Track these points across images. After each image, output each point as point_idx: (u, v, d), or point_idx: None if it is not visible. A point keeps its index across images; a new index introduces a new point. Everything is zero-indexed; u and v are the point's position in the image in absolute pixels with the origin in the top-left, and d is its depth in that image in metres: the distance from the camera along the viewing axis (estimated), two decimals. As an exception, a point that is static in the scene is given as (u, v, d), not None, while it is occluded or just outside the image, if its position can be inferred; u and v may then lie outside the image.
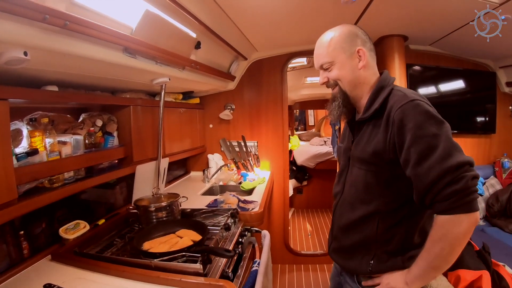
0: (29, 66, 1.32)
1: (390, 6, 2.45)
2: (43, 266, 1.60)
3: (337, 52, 1.38)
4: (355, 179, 1.42)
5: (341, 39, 1.39)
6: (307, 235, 4.96)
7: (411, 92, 1.28)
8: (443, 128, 1.16)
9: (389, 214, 1.31)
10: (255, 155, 3.99)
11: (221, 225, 2.07)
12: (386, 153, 1.25)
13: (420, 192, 1.15)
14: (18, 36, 1.11)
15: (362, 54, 1.39)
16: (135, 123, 2.34)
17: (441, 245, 1.12)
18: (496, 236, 3.23)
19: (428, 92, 3.85)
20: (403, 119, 1.18)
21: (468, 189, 1.07)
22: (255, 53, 3.82)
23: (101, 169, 2.16)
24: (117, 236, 2.00)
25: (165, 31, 1.98)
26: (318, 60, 1.44)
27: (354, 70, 1.39)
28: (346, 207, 1.46)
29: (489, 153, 4.17)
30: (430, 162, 1.11)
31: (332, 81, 1.42)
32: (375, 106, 1.32)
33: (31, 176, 1.50)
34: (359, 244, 1.40)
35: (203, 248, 1.66)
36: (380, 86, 1.37)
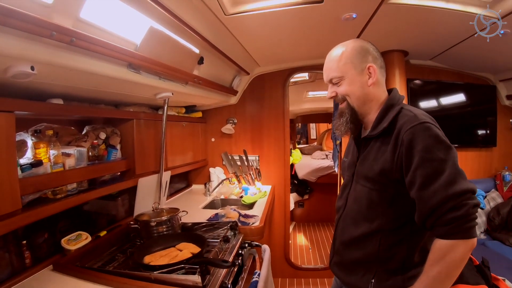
0: (35, 79, 1.36)
1: (389, 22, 2.49)
2: (45, 276, 1.62)
3: (348, 67, 1.39)
4: (358, 195, 1.42)
5: (352, 54, 1.40)
6: (308, 249, 4.94)
7: (421, 114, 1.29)
8: (451, 154, 1.18)
9: (392, 232, 1.31)
10: (257, 169, 4.01)
11: (221, 237, 2.09)
12: (392, 172, 1.26)
13: (423, 214, 1.17)
14: (26, 52, 1.16)
15: (372, 71, 1.39)
16: (138, 136, 2.38)
17: (438, 268, 1.13)
18: (497, 249, 3.21)
19: (429, 106, 3.88)
20: (413, 140, 1.19)
21: (468, 216, 1.09)
22: (257, 68, 3.87)
23: (104, 181, 2.19)
24: (119, 251, 2.02)
25: (169, 47, 2.02)
26: (327, 74, 1.44)
27: (363, 86, 1.39)
28: (348, 223, 1.47)
29: (490, 166, 4.18)
30: (435, 186, 1.12)
31: (341, 96, 1.42)
32: (384, 124, 1.32)
33: (35, 187, 1.53)
34: (360, 260, 1.40)
35: (202, 259, 1.68)
36: (390, 104, 1.38)
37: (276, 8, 2.09)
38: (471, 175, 4.10)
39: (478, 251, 2.84)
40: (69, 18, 1.29)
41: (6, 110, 1.34)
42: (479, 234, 3.62)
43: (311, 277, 4.05)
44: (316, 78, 5.16)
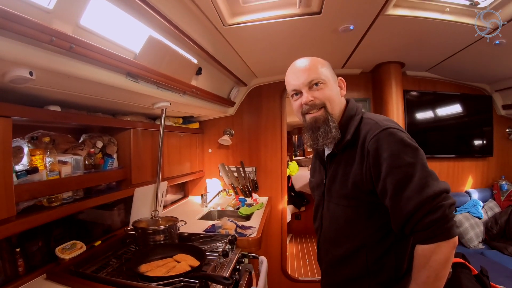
0: (33, 85, 1.37)
1: (386, 34, 2.53)
2: (38, 284, 1.59)
3: (328, 73, 1.37)
4: (334, 215, 1.39)
5: (327, 63, 1.40)
6: (305, 261, 4.91)
7: (383, 119, 1.27)
8: (418, 156, 1.15)
9: (377, 245, 1.29)
10: (254, 180, 3.99)
11: (219, 251, 2.05)
12: (364, 184, 1.23)
13: (399, 222, 1.15)
14: (25, 56, 1.16)
15: (343, 84, 1.41)
16: (135, 146, 2.37)
17: (426, 273, 1.11)
18: (496, 258, 3.22)
19: (426, 117, 3.93)
20: (378, 148, 1.18)
21: (446, 217, 1.07)
22: (255, 79, 3.89)
23: (100, 191, 2.17)
24: (113, 257, 1.99)
25: (168, 56, 2.03)
26: (308, 74, 1.33)
27: (338, 96, 1.39)
28: (329, 244, 1.44)
29: (487, 176, 4.22)
30: (408, 192, 1.11)
31: (319, 101, 1.34)
32: (347, 137, 1.31)
33: (30, 194, 1.51)
34: (351, 278, 1.36)
35: (201, 274, 1.64)
36: (349, 116, 1.36)
37: (274, 19, 2.11)
38: (469, 184, 4.15)
39: (476, 260, 2.84)
40: (69, 25, 1.30)
41: (3, 115, 1.33)
42: (477, 243, 3.62)
43: (308, 290, 4.01)
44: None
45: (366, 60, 3.46)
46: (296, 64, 1.41)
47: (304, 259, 4.98)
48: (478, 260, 3.03)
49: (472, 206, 3.81)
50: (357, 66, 3.67)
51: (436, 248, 1.08)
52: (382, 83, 3.59)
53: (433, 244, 1.08)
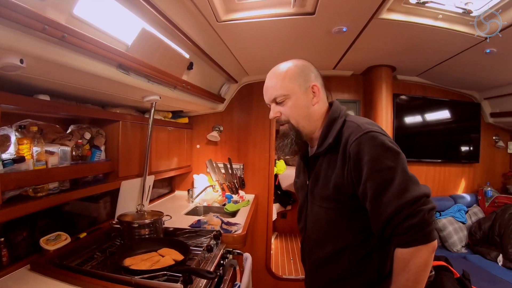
0: (23, 73, 1.35)
1: (379, 37, 2.55)
2: (22, 275, 1.57)
3: (292, 85, 1.34)
4: (316, 217, 1.39)
5: (296, 72, 1.36)
6: (289, 259, 4.93)
7: (365, 123, 1.26)
8: (399, 160, 1.15)
9: (359, 246, 1.29)
10: (241, 177, 4.00)
11: (204, 245, 2.06)
12: (345, 187, 1.23)
13: (378, 226, 1.16)
14: (16, 43, 1.14)
15: (316, 90, 1.37)
16: (123, 139, 2.36)
17: (405, 276, 1.11)
18: (478, 263, 3.29)
19: (414, 121, 3.98)
20: (359, 152, 1.17)
21: (425, 222, 1.08)
22: (246, 76, 3.90)
23: (86, 182, 2.15)
24: (98, 250, 1.97)
25: (160, 50, 2.03)
26: (270, 93, 1.36)
27: (308, 106, 1.36)
28: (313, 245, 1.44)
29: (472, 182, 4.30)
30: (387, 197, 1.11)
31: (284, 117, 1.36)
32: (329, 140, 1.30)
33: (16, 183, 1.49)
34: (334, 279, 1.37)
35: (185, 268, 1.64)
36: (332, 118, 1.35)
37: (268, 18, 2.11)
38: (454, 189, 4.22)
39: (459, 264, 2.89)
40: (62, 14, 1.29)
41: (-9, 102, 1.32)
42: (460, 248, 3.69)
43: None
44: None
45: (358, 63, 3.49)
46: (267, 77, 1.41)
47: (288, 258, 5.00)
48: (460, 264, 3.09)
49: (457, 210, 3.88)
50: (348, 68, 3.69)
51: (415, 252, 1.09)
52: (373, 86, 3.62)
53: (412, 248, 1.09)
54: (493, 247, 3.48)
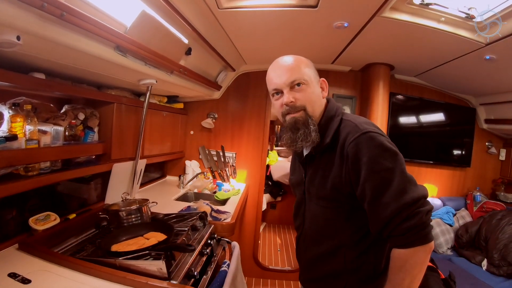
0: (19, 50, 1.32)
1: (379, 35, 2.54)
2: (9, 254, 1.56)
3: (312, 74, 1.34)
4: (314, 214, 1.40)
5: (311, 64, 1.37)
6: (277, 250, 4.96)
7: (363, 122, 1.26)
8: (397, 161, 1.15)
9: (355, 245, 1.30)
10: (233, 166, 4.00)
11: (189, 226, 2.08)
12: (343, 187, 1.24)
13: (377, 226, 1.17)
14: (14, 20, 1.12)
15: (324, 86, 1.38)
16: (117, 121, 2.33)
17: (401, 275, 1.13)
18: (463, 266, 3.33)
19: (409, 122, 4.00)
20: (357, 152, 1.17)
21: (423, 224, 1.09)
22: (244, 65, 3.87)
23: (78, 163, 2.13)
24: (88, 242, 1.96)
25: (158, 33, 2.00)
26: (290, 74, 1.29)
27: (319, 98, 1.36)
28: (309, 242, 1.46)
29: (463, 185, 4.34)
30: (386, 198, 1.12)
31: (300, 103, 1.30)
32: (327, 140, 1.30)
33: (7, 162, 1.48)
34: (329, 274, 1.38)
35: (166, 245, 1.67)
36: (329, 117, 1.34)
37: (270, 7, 2.10)
38: (444, 192, 4.26)
39: (444, 266, 2.93)
40: (62, -9, 1.26)
41: (-14, 79, 1.30)
42: (446, 250, 3.74)
43: (278, 279, 4.08)
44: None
45: (357, 59, 3.48)
46: (279, 61, 1.36)
47: (275, 248, 5.04)
48: (445, 265, 3.13)
49: (445, 212, 3.92)
50: (347, 63, 3.69)
51: (413, 253, 1.11)
52: (370, 83, 3.62)
53: (409, 248, 1.11)
54: (478, 251, 3.52)
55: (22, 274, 1.37)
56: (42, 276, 1.40)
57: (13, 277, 1.35)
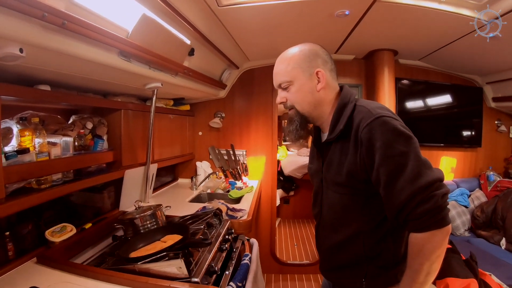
0: (23, 63, 1.31)
1: (381, 22, 2.51)
2: (29, 268, 1.56)
3: (296, 71, 1.35)
4: (331, 201, 1.40)
5: (300, 59, 1.36)
6: (293, 245, 4.95)
7: (376, 107, 1.25)
8: (412, 145, 1.15)
9: (373, 231, 1.30)
10: (244, 164, 3.98)
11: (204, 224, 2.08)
12: (358, 173, 1.23)
13: (392, 211, 1.16)
14: (15, 32, 1.11)
15: (321, 76, 1.35)
16: (126, 127, 2.33)
17: (420, 260, 1.12)
18: (481, 246, 3.29)
19: (416, 106, 3.95)
20: (371, 138, 1.17)
21: (439, 207, 1.08)
22: (247, 62, 3.85)
23: (90, 172, 2.13)
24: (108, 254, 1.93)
25: (160, 36, 1.98)
26: (276, 78, 1.40)
27: (313, 91, 1.35)
28: (328, 229, 1.45)
29: (475, 166, 4.30)
30: (400, 182, 1.11)
31: (289, 102, 1.39)
32: (340, 126, 1.29)
33: (19, 176, 1.47)
34: (349, 262, 1.38)
35: (182, 244, 1.66)
36: (342, 104, 1.34)
37: (270, 1, 2.08)
38: (457, 174, 4.21)
39: (463, 247, 2.90)
40: (62, 1, 1.25)
41: (-9, 94, 1.29)
42: (463, 231, 3.70)
43: (297, 273, 4.06)
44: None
45: (360, 46, 3.44)
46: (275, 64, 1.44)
47: (292, 243, 5.03)
48: (464, 247, 3.09)
49: (459, 194, 3.88)
50: (350, 52, 3.65)
51: (430, 237, 1.09)
52: (375, 70, 3.57)
53: (426, 232, 1.10)
54: (495, 231, 3.49)
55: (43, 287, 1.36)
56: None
57: (34, 291, 1.34)
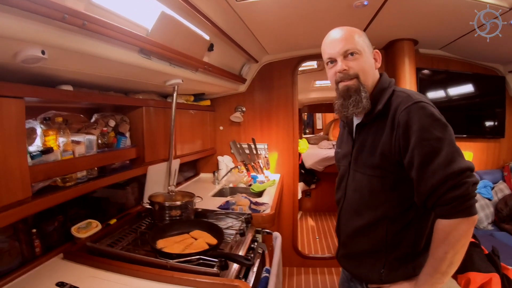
0: (45, 65, 1.34)
1: (400, 11, 2.46)
2: (55, 264, 1.60)
3: (365, 44, 1.36)
4: (358, 184, 1.40)
5: (364, 35, 1.39)
6: (315, 238, 4.94)
7: (414, 93, 1.28)
8: (447, 132, 1.16)
9: (398, 218, 1.30)
10: (265, 157, 3.98)
11: (235, 228, 2.07)
12: (392, 155, 1.24)
13: (422, 194, 1.16)
14: (37, 35, 1.13)
15: (377, 57, 1.40)
16: (147, 124, 2.35)
17: (444, 248, 1.12)
18: (505, 240, 3.21)
19: (437, 96, 3.86)
20: (409, 121, 1.18)
21: (468, 194, 1.08)
22: (266, 56, 3.82)
23: (113, 169, 2.17)
24: (128, 230, 2.00)
25: (180, 33, 1.99)
26: (344, 44, 1.33)
27: (372, 68, 1.39)
28: (351, 213, 1.45)
29: (498, 157, 4.16)
30: (434, 166, 1.11)
31: (353, 71, 1.33)
32: (379, 107, 1.31)
33: (45, 175, 1.51)
34: (368, 250, 1.38)
35: (221, 253, 1.65)
36: (382, 88, 1.36)
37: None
38: (479, 166, 4.09)
39: (486, 241, 2.83)
40: (81, 2, 1.26)
41: (16, 96, 1.31)
42: (486, 225, 3.61)
43: (319, 266, 4.05)
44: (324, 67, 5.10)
45: (379, 37, 3.37)
46: (332, 33, 1.41)
47: (314, 236, 5.01)
48: (488, 241, 3.01)
49: (483, 187, 3.77)
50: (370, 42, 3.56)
51: (456, 224, 1.10)
52: (395, 60, 3.49)
53: (453, 219, 1.10)
54: (519, 224, 3.38)
55: (70, 283, 1.39)
56: (89, 283, 1.43)
57: (61, 286, 1.37)
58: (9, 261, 1.49)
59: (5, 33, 1.03)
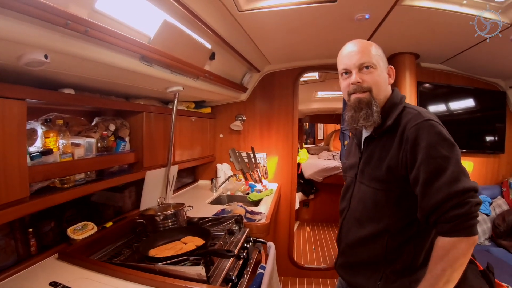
0: (48, 68, 1.37)
1: (402, 25, 2.48)
2: (50, 264, 1.62)
3: (380, 59, 1.39)
4: (363, 196, 1.42)
5: (381, 50, 1.43)
6: (312, 248, 4.93)
7: (425, 111, 1.29)
8: (454, 151, 1.18)
9: (399, 232, 1.31)
10: (264, 166, 4.00)
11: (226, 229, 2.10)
12: (398, 169, 1.26)
13: (426, 211, 1.17)
14: (40, 40, 1.16)
15: (392, 73, 1.44)
16: (147, 129, 2.38)
17: (442, 265, 1.12)
18: (501, 256, 3.18)
19: (438, 110, 3.86)
20: (417, 137, 1.20)
21: (470, 214, 1.10)
22: (268, 65, 3.86)
23: (112, 173, 2.19)
24: (125, 246, 2.02)
25: (182, 41, 2.02)
26: (360, 56, 1.36)
27: (385, 83, 1.42)
28: (353, 224, 1.46)
29: (497, 173, 4.14)
30: (439, 183, 1.13)
31: (366, 84, 1.36)
32: (388, 122, 1.33)
33: (43, 175, 1.54)
34: (367, 261, 1.40)
35: (205, 250, 1.69)
36: (393, 103, 1.39)
37: (289, 6, 2.08)
38: (478, 180, 4.02)
39: (482, 257, 2.82)
40: (84, 9, 1.30)
41: (18, 97, 1.35)
42: (483, 240, 3.60)
43: (314, 277, 4.05)
44: (326, 78, 5.16)
45: (381, 49, 3.39)
46: (349, 44, 1.44)
47: (310, 247, 5.01)
48: (484, 256, 3.01)
49: (480, 202, 3.74)
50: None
51: (457, 243, 1.11)
52: (396, 73, 3.41)
53: (454, 238, 1.11)
54: (517, 241, 3.37)
55: (63, 283, 1.42)
56: (82, 284, 1.45)
57: (54, 285, 1.40)
58: (4, 258, 1.52)
59: (9, 37, 1.07)
